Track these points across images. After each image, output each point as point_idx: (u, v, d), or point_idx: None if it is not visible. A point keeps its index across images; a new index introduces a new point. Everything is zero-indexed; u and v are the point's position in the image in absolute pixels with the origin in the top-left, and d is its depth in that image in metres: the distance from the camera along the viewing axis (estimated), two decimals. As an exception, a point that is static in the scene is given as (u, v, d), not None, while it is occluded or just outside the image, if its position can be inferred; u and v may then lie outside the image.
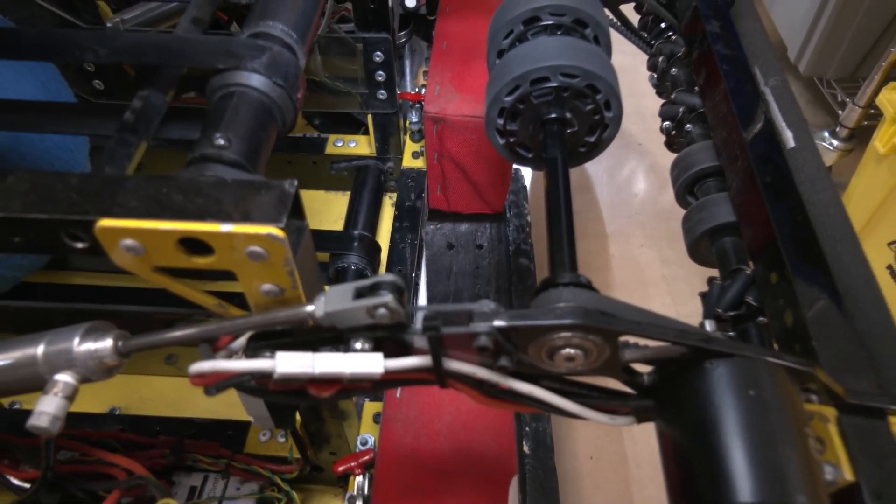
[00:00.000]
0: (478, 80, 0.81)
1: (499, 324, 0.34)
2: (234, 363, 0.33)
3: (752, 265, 0.53)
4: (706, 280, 0.56)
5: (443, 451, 0.50)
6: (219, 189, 0.35)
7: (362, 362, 0.34)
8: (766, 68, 0.70)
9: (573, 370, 0.37)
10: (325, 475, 0.61)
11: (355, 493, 0.53)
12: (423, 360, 0.35)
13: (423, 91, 0.87)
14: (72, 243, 0.36)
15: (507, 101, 0.53)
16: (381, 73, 0.75)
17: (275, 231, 0.33)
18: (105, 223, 0.34)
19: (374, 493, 0.49)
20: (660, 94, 0.76)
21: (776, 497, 0.31)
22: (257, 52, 0.42)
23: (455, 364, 0.36)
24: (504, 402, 0.39)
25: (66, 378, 0.38)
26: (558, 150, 0.52)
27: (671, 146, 0.69)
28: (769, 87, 0.68)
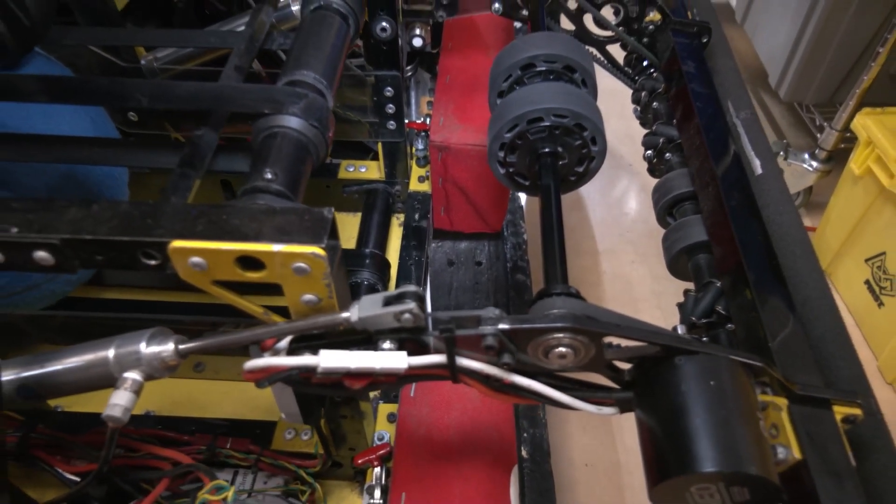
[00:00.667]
0: (478, 111, 0.89)
1: (503, 326, 0.41)
2: (287, 359, 0.40)
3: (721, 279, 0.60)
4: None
5: (452, 442, 0.56)
6: (269, 215, 0.42)
7: (390, 359, 0.41)
8: (737, 102, 0.78)
9: (565, 367, 0.44)
10: (344, 470, 0.67)
11: (374, 482, 0.60)
12: (440, 358, 0.42)
13: (428, 120, 0.95)
14: (146, 261, 0.42)
15: (507, 137, 0.61)
16: (391, 105, 0.83)
17: (317, 250, 0.40)
18: (177, 244, 0.41)
19: (393, 479, 0.56)
20: (643, 125, 0.84)
21: (731, 467, 0.38)
22: (295, 98, 0.50)
23: (466, 361, 0.43)
24: (507, 394, 0.45)
25: (134, 375, 0.45)
26: (551, 178, 0.60)
27: (653, 172, 0.76)
28: (740, 120, 0.75)
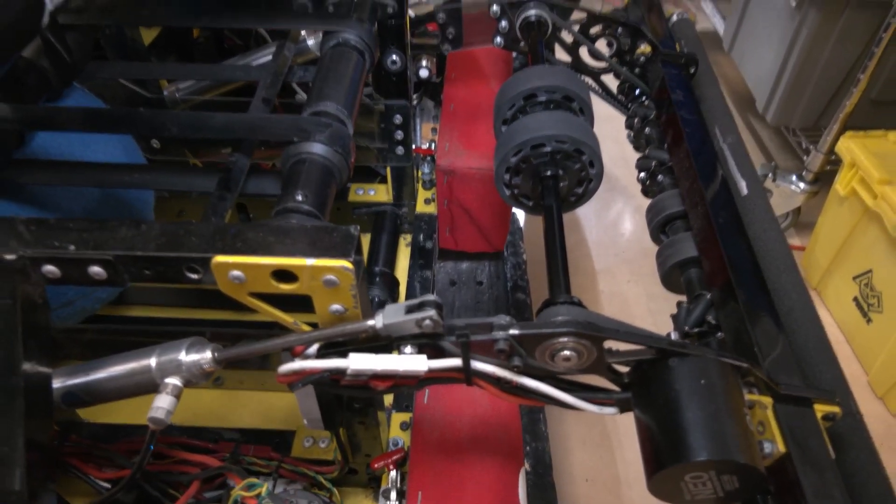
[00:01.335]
0: (481, 137, 0.94)
1: (513, 332, 0.45)
2: (320, 362, 0.44)
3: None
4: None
5: (464, 445, 0.60)
6: (301, 233, 0.47)
7: (412, 362, 0.45)
8: (724, 128, 0.83)
9: (569, 369, 0.48)
10: (359, 477, 0.71)
11: (389, 486, 0.63)
12: (456, 362, 0.47)
13: (433, 145, 1.00)
14: (189, 275, 0.47)
15: (513, 161, 0.66)
16: (399, 132, 0.88)
17: (346, 264, 0.45)
18: (220, 259, 0.45)
19: (409, 479, 0.59)
20: (636, 149, 0.89)
21: (721, 455, 0.42)
22: (321, 127, 0.55)
23: (479, 364, 0.47)
24: (516, 396, 0.50)
25: (174, 381, 0.49)
26: (553, 199, 0.65)
27: (646, 193, 0.82)
28: (727, 144, 0.81)
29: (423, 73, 0.89)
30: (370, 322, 0.46)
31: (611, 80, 0.96)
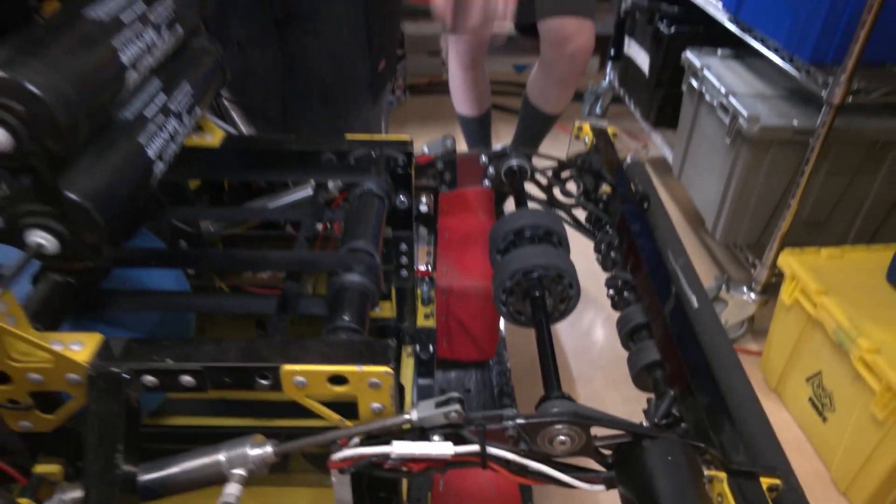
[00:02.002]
0: (473, 262, 1.10)
1: (520, 421, 0.58)
2: (370, 448, 0.56)
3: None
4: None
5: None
6: (350, 346, 0.60)
7: (441, 448, 0.57)
8: (675, 251, 1.00)
9: (565, 452, 0.60)
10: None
11: (409, 571, 0.71)
12: (475, 448, 0.58)
13: (429, 268, 1.16)
14: (261, 381, 0.59)
15: (509, 284, 0.82)
16: (404, 258, 1.03)
17: (388, 369, 0.57)
18: (287, 368, 0.57)
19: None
20: (604, 269, 1.06)
21: (687, 519, 0.54)
22: (358, 262, 0.69)
23: (493, 449, 0.59)
24: (522, 476, 0.61)
25: (241, 472, 0.59)
26: (542, 314, 0.79)
27: (615, 307, 0.97)
28: (678, 265, 0.97)
29: (423, 208, 1.05)
30: (407, 416, 0.58)
31: (580, 213, 1.14)
